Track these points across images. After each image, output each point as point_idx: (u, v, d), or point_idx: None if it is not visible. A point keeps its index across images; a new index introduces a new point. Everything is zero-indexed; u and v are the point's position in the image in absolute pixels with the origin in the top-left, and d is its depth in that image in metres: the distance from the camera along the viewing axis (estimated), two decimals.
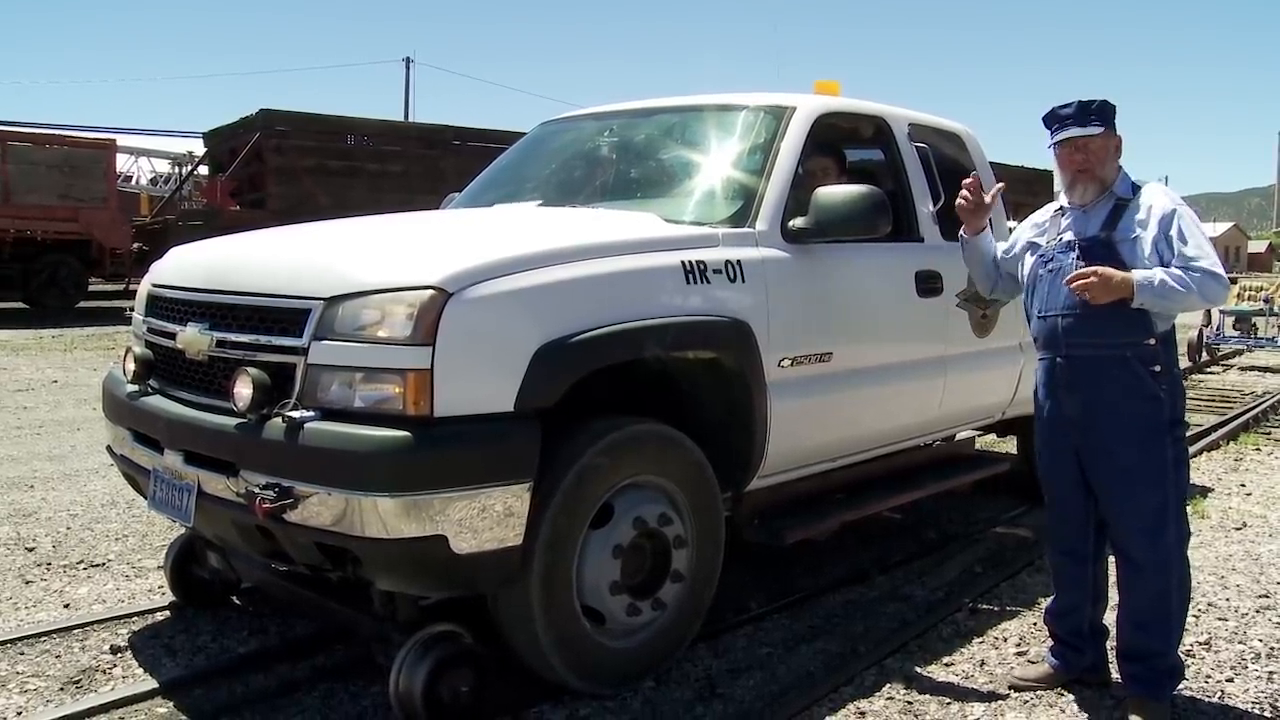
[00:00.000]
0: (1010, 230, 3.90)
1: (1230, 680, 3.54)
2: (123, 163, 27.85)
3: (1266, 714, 3.31)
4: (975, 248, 3.68)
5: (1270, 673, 3.61)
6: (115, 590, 4.39)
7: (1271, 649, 3.82)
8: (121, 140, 25.41)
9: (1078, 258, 3.20)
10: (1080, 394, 3.23)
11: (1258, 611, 4.22)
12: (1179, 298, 3.07)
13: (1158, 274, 3.05)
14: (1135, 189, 3.26)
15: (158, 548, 4.79)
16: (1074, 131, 3.22)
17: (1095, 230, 3.22)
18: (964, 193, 3.56)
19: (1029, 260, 3.41)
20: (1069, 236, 3.28)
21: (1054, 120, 3.26)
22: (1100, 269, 3.06)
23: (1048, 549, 3.54)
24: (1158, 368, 3.18)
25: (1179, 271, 3.05)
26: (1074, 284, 3.08)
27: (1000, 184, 3.82)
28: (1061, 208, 3.38)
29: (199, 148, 24.37)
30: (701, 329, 3.50)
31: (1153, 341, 3.17)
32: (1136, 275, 3.05)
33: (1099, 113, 3.22)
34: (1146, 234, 3.14)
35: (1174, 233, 3.11)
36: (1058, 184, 3.56)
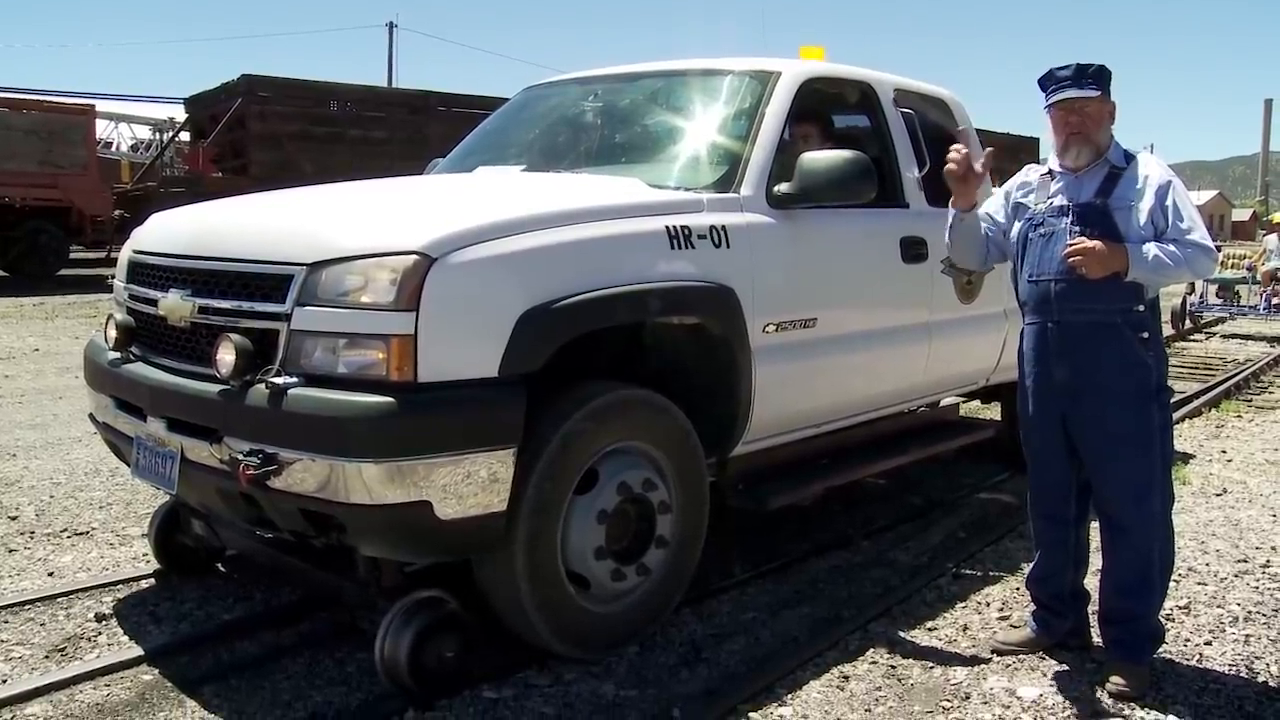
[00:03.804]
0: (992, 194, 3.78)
1: (1208, 644, 3.58)
2: (103, 129, 27.51)
3: (1243, 676, 3.35)
4: (967, 223, 3.45)
5: (1247, 635, 3.66)
6: (99, 558, 4.38)
7: (1249, 613, 3.87)
8: (101, 106, 25.11)
9: (1072, 223, 3.19)
10: (1071, 360, 3.22)
11: (1236, 576, 4.26)
12: (1170, 272, 3.10)
13: (1151, 249, 3.05)
14: (1129, 158, 3.25)
15: (142, 515, 4.78)
16: (1071, 93, 3.20)
17: (1090, 196, 3.20)
18: (952, 156, 3.33)
19: (1017, 224, 3.38)
20: (1061, 201, 3.25)
21: (1051, 81, 3.24)
22: (1101, 241, 3.05)
23: (1030, 514, 3.56)
24: (1146, 334, 3.19)
25: (1171, 246, 3.06)
26: (1070, 256, 3.07)
27: (989, 149, 3.71)
28: (1050, 171, 3.35)
29: (180, 114, 24.09)
30: (686, 294, 3.49)
31: (1142, 308, 3.18)
32: (1131, 250, 3.05)
33: (1096, 76, 3.20)
34: (1143, 203, 3.13)
35: (1169, 204, 3.11)
36: (1044, 150, 3.53)
